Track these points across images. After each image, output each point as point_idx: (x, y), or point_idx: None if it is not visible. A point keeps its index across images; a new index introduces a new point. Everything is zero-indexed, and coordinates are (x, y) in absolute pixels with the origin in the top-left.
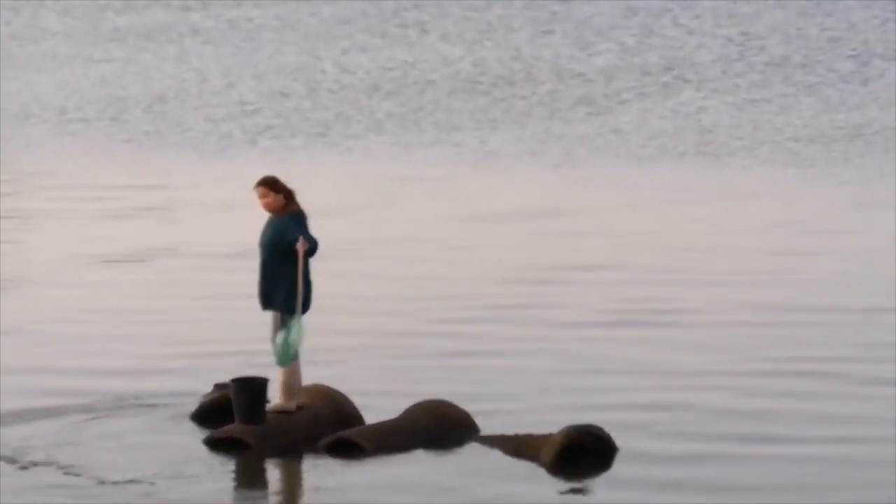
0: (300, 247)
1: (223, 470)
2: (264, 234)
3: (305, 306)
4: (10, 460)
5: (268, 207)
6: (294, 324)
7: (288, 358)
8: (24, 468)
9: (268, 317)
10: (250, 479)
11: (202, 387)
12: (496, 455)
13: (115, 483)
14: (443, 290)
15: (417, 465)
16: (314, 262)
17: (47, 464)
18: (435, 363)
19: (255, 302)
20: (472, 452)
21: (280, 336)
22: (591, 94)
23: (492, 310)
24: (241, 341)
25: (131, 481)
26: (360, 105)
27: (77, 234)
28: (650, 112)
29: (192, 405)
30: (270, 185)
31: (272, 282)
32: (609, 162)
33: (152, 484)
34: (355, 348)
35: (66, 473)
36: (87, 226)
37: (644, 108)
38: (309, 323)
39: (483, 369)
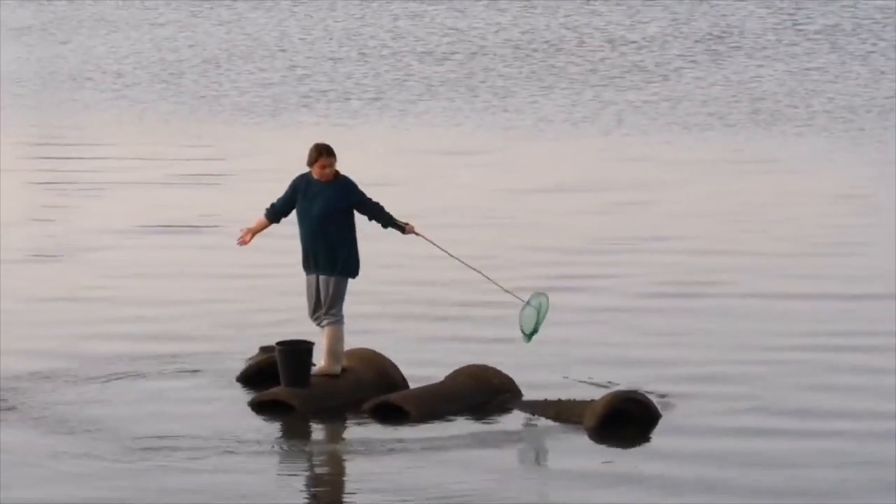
0: (410, 230)
1: (268, 432)
2: (318, 200)
3: (356, 271)
4: (60, 421)
5: (331, 175)
6: (538, 301)
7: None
8: (71, 431)
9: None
10: (294, 441)
11: (248, 350)
12: (538, 420)
13: (160, 446)
14: (499, 260)
15: (460, 429)
16: (365, 227)
17: (96, 425)
18: (481, 332)
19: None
20: (514, 418)
21: (529, 312)
22: (643, 62)
23: (546, 279)
24: (287, 307)
25: (177, 443)
26: (412, 71)
27: (132, 200)
28: (702, 80)
29: (238, 368)
30: (334, 154)
31: (332, 247)
32: (662, 130)
33: (198, 447)
34: (409, 316)
35: (113, 435)
36: (142, 192)
37: (696, 77)
38: (359, 288)
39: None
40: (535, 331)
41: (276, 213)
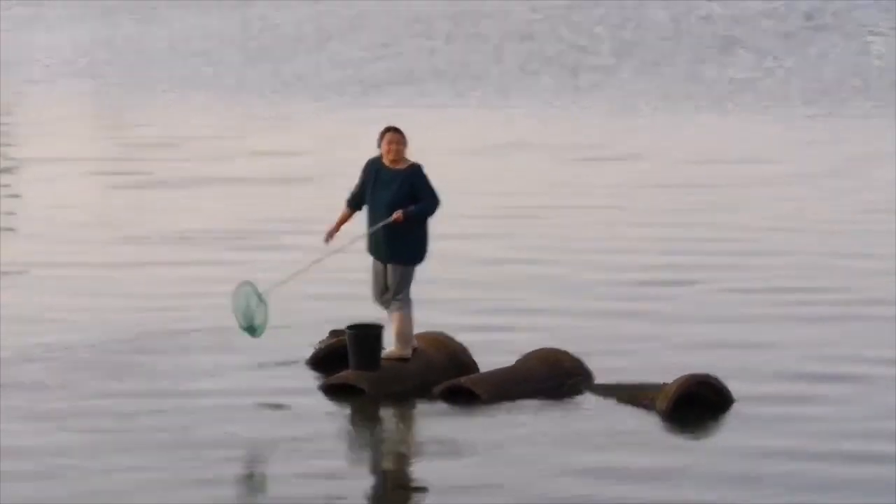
0: (398, 216)
1: (338, 415)
2: (385, 189)
3: (423, 257)
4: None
5: (398, 154)
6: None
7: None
8: (128, 416)
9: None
10: (365, 424)
11: (318, 334)
12: (610, 404)
13: (228, 430)
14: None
15: (532, 413)
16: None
17: (160, 406)
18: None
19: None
20: (586, 401)
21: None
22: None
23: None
24: (356, 291)
25: (242, 422)
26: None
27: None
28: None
29: (309, 351)
30: (401, 132)
31: (400, 235)
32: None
33: (266, 427)
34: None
35: (182, 414)
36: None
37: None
38: (429, 270)
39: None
40: (252, 327)
41: (356, 201)
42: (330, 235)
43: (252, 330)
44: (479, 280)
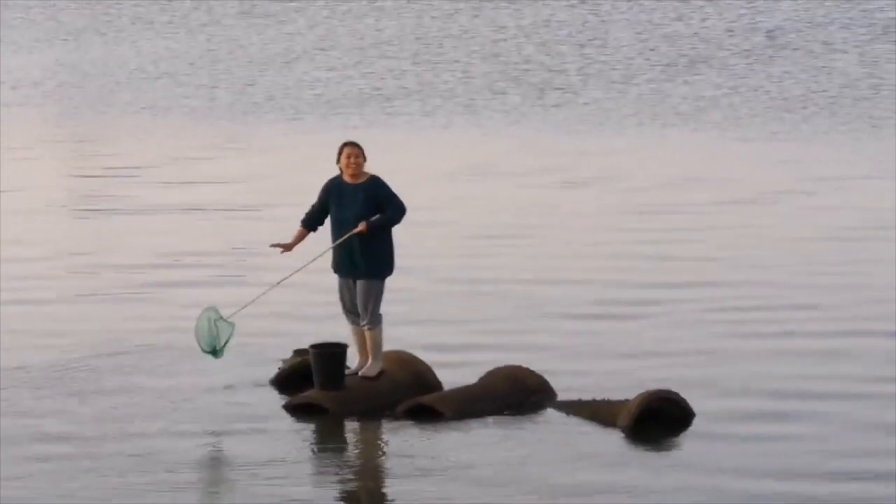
0: (362, 227)
1: (303, 435)
2: (349, 205)
3: (390, 271)
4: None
5: (357, 168)
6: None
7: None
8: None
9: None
10: (329, 444)
11: (282, 353)
12: (573, 421)
13: (192, 452)
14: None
15: (495, 431)
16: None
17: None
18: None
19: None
20: (549, 418)
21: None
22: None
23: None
24: (322, 308)
25: (207, 446)
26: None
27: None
28: None
29: (273, 371)
30: (359, 146)
31: (367, 250)
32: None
33: (230, 448)
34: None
35: (144, 437)
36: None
37: None
38: (396, 285)
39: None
40: (215, 349)
41: (311, 221)
42: (285, 248)
43: (215, 352)
44: (445, 300)
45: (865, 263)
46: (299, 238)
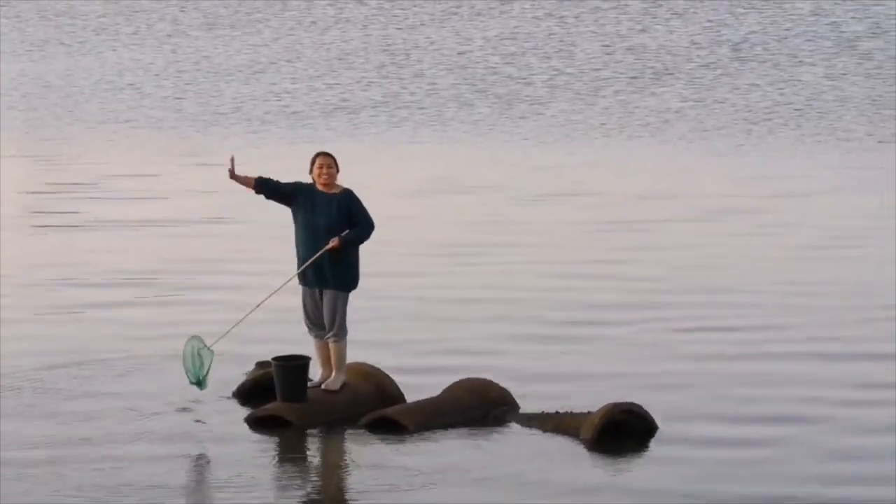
0: (335, 243)
1: (264, 448)
2: (322, 213)
3: (356, 283)
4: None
5: (330, 178)
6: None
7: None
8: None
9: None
10: (292, 456)
11: (244, 366)
12: (536, 433)
13: (152, 459)
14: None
15: (458, 442)
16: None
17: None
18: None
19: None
20: (512, 430)
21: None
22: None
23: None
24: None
25: (171, 458)
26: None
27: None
28: None
29: (234, 384)
30: (333, 156)
31: (336, 262)
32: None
33: (193, 461)
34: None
35: (109, 454)
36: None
37: None
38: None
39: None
40: (199, 380)
41: (267, 187)
42: (233, 169)
43: (199, 382)
44: (411, 317)
45: (828, 284)
46: (246, 182)
